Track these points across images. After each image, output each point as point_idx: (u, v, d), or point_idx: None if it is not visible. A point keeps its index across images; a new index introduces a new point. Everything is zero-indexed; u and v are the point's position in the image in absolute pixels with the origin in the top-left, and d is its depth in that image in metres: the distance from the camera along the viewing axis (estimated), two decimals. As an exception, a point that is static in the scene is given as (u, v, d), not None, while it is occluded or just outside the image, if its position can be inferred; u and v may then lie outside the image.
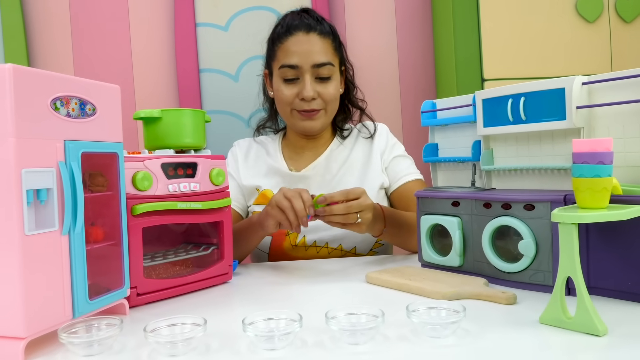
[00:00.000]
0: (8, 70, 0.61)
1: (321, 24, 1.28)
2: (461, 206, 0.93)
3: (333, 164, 1.33)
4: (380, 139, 1.36)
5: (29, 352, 0.65)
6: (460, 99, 1.07)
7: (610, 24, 1.74)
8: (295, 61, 1.24)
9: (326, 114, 1.29)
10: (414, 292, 0.85)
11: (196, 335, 0.63)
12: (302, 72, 1.24)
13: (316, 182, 1.31)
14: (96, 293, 0.74)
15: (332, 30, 1.30)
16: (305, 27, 1.26)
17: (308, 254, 1.26)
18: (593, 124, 0.85)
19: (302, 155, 1.37)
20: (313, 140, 1.37)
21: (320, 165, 1.33)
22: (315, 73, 1.25)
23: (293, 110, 1.28)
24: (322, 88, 1.26)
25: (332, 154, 1.35)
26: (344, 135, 1.38)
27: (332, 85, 1.27)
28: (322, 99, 1.26)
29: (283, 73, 1.26)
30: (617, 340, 0.62)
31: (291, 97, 1.26)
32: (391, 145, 1.36)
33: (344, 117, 1.41)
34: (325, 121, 1.31)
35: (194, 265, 1.00)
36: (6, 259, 0.62)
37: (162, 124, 0.96)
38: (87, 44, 1.80)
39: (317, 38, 1.26)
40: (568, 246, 0.65)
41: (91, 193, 0.77)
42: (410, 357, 0.60)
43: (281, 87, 1.27)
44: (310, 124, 1.28)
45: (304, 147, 1.37)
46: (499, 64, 1.70)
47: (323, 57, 1.25)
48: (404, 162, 1.34)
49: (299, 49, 1.24)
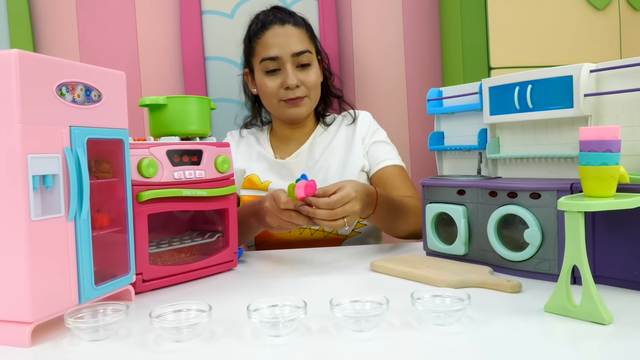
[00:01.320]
0: (14, 56, 0.61)
1: (293, 17, 1.35)
2: (467, 195, 0.93)
3: (316, 150, 1.38)
4: (362, 125, 1.40)
5: (36, 337, 0.66)
6: (466, 87, 1.07)
7: (620, 11, 1.72)
8: (275, 52, 1.30)
9: (310, 100, 1.35)
10: (418, 280, 0.85)
11: (201, 321, 0.64)
12: (283, 62, 1.30)
13: (300, 168, 1.37)
14: (102, 279, 0.74)
15: (304, 22, 1.37)
16: (279, 20, 1.32)
17: (292, 235, 1.30)
18: (601, 112, 0.84)
19: (287, 144, 1.42)
20: (298, 129, 1.42)
21: (304, 152, 1.39)
22: (295, 62, 1.31)
23: (279, 101, 1.33)
24: (304, 75, 1.32)
25: (315, 141, 1.40)
26: (326, 122, 1.44)
27: (312, 71, 1.34)
28: (305, 85, 1.32)
29: (265, 66, 1.32)
30: (622, 328, 0.61)
31: (276, 88, 1.32)
32: (372, 131, 1.40)
33: (324, 105, 1.46)
34: (310, 107, 1.36)
35: (199, 253, 1.01)
36: (13, 244, 0.62)
37: (168, 111, 0.95)
38: (92, 31, 1.79)
39: (292, 28, 1.32)
40: (574, 235, 0.65)
41: (97, 179, 0.77)
42: (415, 344, 0.60)
43: (264, 80, 1.33)
44: (296, 110, 1.33)
45: (289, 137, 1.42)
46: (506, 52, 1.69)
47: (301, 46, 1.31)
48: (384, 148, 1.38)
49: (277, 41, 1.30)
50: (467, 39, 1.71)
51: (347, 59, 1.87)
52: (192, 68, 1.77)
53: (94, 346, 0.63)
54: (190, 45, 1.77)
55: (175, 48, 1.82)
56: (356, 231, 1.32)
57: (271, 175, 1.36)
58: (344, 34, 1.87)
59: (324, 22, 1.80)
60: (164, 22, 1.82)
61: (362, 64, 1.88)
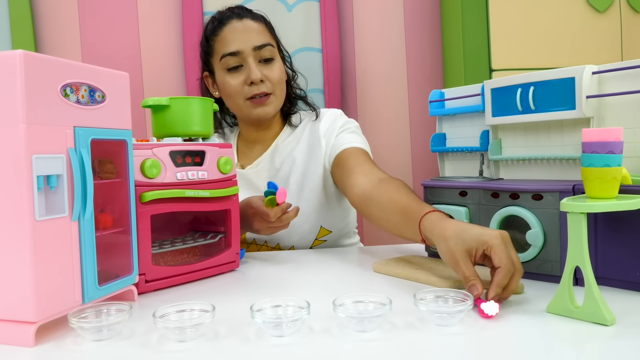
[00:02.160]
0: (19, 57, 0.61)
1: (251, 13, 1.29)
2: (469, 196, 0.93)
3: (277, 158, 1.31)
4: (325, 123, 1.29)
5: (40, 337, 0.66)
6: (468, 89, 1.07)
7: (621, 13, 1.72)
8: (235, 47, 1.23)
9: (276, 97, 1.27)
10: (421, 281, 0.85)
11: (204, 322, 0.64)
12: (244, 57, 1.23)
13: (262, 177, 1.30)
14: (105, 279, 0.75)
15: (263, 17, 1.31)
16: (236, 15, 1.26)
17: (249, 250, 1.28)
18: (603, 114, 0.84)
19: (252, 149, 1.36)
20: (264, 131, 1.34)
21: (265, 161, 1.32)
22: (257, 56, 1.24)
23: (245, 100, 1.25)
24: (268, 70, 1.25)
25: (278, 147, 1.32)
26: (292, 123, 1.35)
27: (276, 66, 1.27)
28: (270, 81, 1.24)
29: (225, 63, 1.24)
30: (625, 330, 0.62)
31: (239, 86, 1.24)
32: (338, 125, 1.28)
33: (289, 105, 1.38)
34: (277, 105, 1.28)
35: (201, 253, 1.01)
36: (17, 244, 0.62)
37: (171, 112, 0.96)
38: (94, 33, 1.80)
39: (251, 22, 1.26)
40: (577, 236, 0.65)
41: (100, 180, 0.78)
42: (417, 344, 0.60)
43: (227, 79, 1.25)
44: (263, 110, 1.25)
45: (254, 140, 1.36)
46: (507, 54, 1.69)
47: (262, 38, 1.25)
48: (348, 136, 1.26)
49: (237, 36, 1.23)
50: (468, 41, 1.71)
51: (349, 61, 1.87)
52: (194, 69, 1.78)
53: (97, 346, 0.63)
54: (192, 47, 1.77)
55: (177, 49, 1.82)
56: (313, 249, 1.27)
57: None
58: (345, 37, 1.87)
59: (325, 24, 1.81)
60: (166, 23, 1.82)
61: (364, 66, 1.89)
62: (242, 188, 1.28)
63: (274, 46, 1.28)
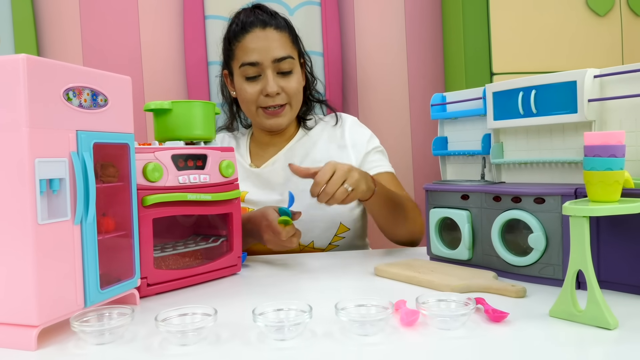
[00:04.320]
0: (22, 60, 0.61)
1: (276, 19, 1.29)
2: (470, 199, 0.93)
3: (294, 158, 1.32)
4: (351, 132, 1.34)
5: (42, 340, 0.66)
6: (470, 92, 1.07)
7: (621, 17, 1.72)
8: (255, 58, 1.24)
9: (291, 108, 1.30)
10: (423, 284, 0.85)
11: (207, 325, 0.64)
12: (263, 68, 1.25)
13: (279, 175, 1.30)
14: (107, 283, 0.75)
15: (287, 24, 1.31)
16: (260, 23, 1.26)
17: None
18: (605, 117, 0.84)
19: (266, 150, 1.37)
20: (277, 135, 1.36)
21: (281, 160, 1.32)
22: (276, 68, 1.25)
23: (258, 108, 1.28)
24: (285, 82, 1.26)
25: (293, 147, 1.34)
26: (308, 126, 1.37)
27: (294, 79, 1.28)
28: (286, 93, 1.26)
29: (244, 72, 1.26)
30: (628, 333, 0.61)
31: (255, 94, 1.26)
32: (367, 139, 1.34)
33: (306, 109, 1.40)
34: (291, 116, 1.31)
35: (203, 257, 1.01)
36: (19, 247, 0.62)
37: (173, 116, 0.96)
38: (96, 36, 1.80)
39: (274, 32, 1.26)
40: (579, 239, 0.65)
41: (102, 183, 0.78)
42: (420, 348, 0.60)
43: (244, 86, 1.27)
44: (276, 121, 1.28)
45: (268, 143, 1.37)
46: (508, 58, 1.69)
47: (282, 51, 1.25)
48: (376, 156, 1.33)
49: (258, 46, 1.24)
50: (469, 44, 1.71)
51: (350, 65, 1.88)
52: (195, 73, 1.78)
53: (99, 350, 0.63)
54: (193, 50, 1.78)
55: (178, 53, 1.82)
56: (333, 244, 1.28)
57: (247, 184, 1.31)
58: (346, 40, 1.87)
59: (326, 27, 1.81)
60: (167, 27, 1.83)
61: (365, 69, 1.89)
62: (256, 187, 1.30)
63: (294, 57, 1.29)
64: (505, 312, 0.67)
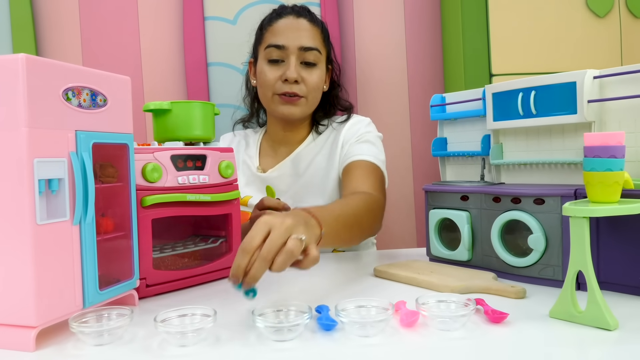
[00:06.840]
0: (21, 60, 0.61)
1: (311, 14, 1.28)
2: (470, 200, 0.93)
3: (301, 164, 1.30)
4: (347, 130, 1.29)
5: (40, 341, 0.65)
6: (469, 93, 1.07)
7: (620, 19, 1.73)
8: (282, 41, 1.23)
9: (307, 102, 1.26)
10: (422, 285, 0.85)
11: (206, 326, 0.64)
12: (287, 53, 1.23)
13: (284, 182, 1.30)
14: (106, 283, 0.74)
15: (322, 23, 1.30)
16: (295, 13, 1.26)
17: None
18: (604, 118, 0.84)
19: (277, 150, 1.35)
20: (291, 132, 1.34)
21: (286, 166, 1.31)
22: (301, 57, 1.23)
23: (274, 95, 1.25)
24: (307, 74, 1.24)
25: (302, 152, 1.32)
26: (319, 131, 1.34)
27: (316, 73, 1.26)
28: (305, 84, 1.24)
29: (268, 53, 1.24)
30: (628, 334, 0.61)
31: (274, 79, 1.24)
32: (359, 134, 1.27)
33: (323, 113, 1.37)
34: (306, 110, 1.28)
35: (202, 258, 1.00)
36: (18, 248, 0.62)
37: (172, 116, 0.96)
38: (95, 37, 1.80)
39: (307, 23, 1.25)
40: (579, 240, 0.65)
41: (102, 184, 0.78)
42: (420, 349, 0.60)
43: (265, 69, 1.25)
44: (290, 109, 1.25)
45: (280, 140, 1.35)
46: (508, 59, 1.69)
47: (311, 42, 1.24)
48: (363, 146, 1.25)
49: (288, 30, 1.23)
50: (468, 45, 1.71)
51: (350, 65, 1.88)
52: (195, 74, 1.78)
53: (98, 351, 0.63)
54: (193, 51, 1.77)
55: (177, 54, 1.82)
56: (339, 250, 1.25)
57: (251, 188, 1.31)
58: (346, 40, 1.87)
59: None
60: (167, 28, 1.82)
61: (365, 70, 1.89)
62: (260, 192, 1.30)
63: (322, 53, 1.27)
64: (505, 313, 0.67)
